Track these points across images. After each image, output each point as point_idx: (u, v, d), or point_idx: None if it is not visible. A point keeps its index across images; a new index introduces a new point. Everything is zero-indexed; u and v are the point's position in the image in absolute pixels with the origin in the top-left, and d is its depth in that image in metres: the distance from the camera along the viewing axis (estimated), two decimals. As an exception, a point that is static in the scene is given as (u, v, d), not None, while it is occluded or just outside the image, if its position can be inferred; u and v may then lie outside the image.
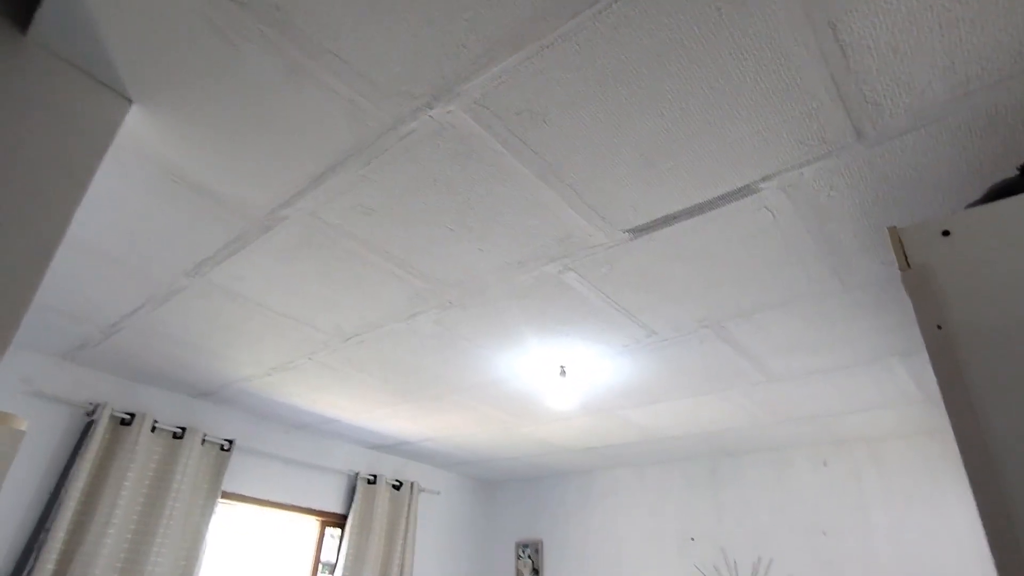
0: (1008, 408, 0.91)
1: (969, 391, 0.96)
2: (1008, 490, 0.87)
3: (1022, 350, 0.92)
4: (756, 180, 1.44)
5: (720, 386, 2.65)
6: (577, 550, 4.24)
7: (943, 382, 0.99)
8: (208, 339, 2.49)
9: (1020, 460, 0.88)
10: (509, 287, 1.96)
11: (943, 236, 1.08)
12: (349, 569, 3.65)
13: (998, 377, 0.93)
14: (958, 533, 2.91)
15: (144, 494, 2.94)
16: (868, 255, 1.69)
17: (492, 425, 3.36)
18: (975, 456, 0.92)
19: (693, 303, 1.99)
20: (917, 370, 2.40)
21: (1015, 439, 0.88)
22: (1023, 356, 0.92)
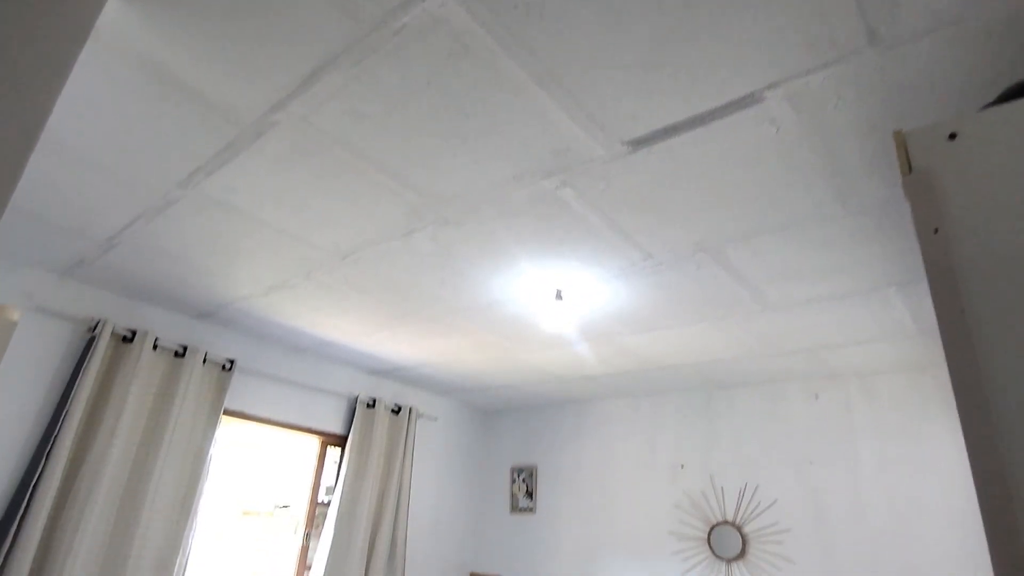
0: (1001, 313, 0.90)
1: (962, 296, 0.95)
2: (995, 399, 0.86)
3: (1020, 254, 0.90)
4: (761, 88, 1.38)
5: (716, 314, 2.66)
6: (571, 476, 4.38)
7: (935, 287, 0.97)
8: (204, 255, 2.49)
9: (1010, 369, 0.87)
10: (505, 204, 1.93)
11: (949, 139, 1.05)
12: (349, 487, 3.79)
13: (993, 281, 0.91)
14: (943, 467, 2.99)
15: (148, 410, 3.01)
16: (874, 176, 1.65)
17: (489, 350, 3.40)
18: (964, 365, 0.92)
19: (691, 225, 1.97)
20: (914, 302, 2.40)
21: (1006, 346, 0.88)
22: (1021, 260, 0.90)
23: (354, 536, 3.73)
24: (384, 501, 3.96)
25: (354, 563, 3.68)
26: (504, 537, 4.57)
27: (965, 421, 0.87)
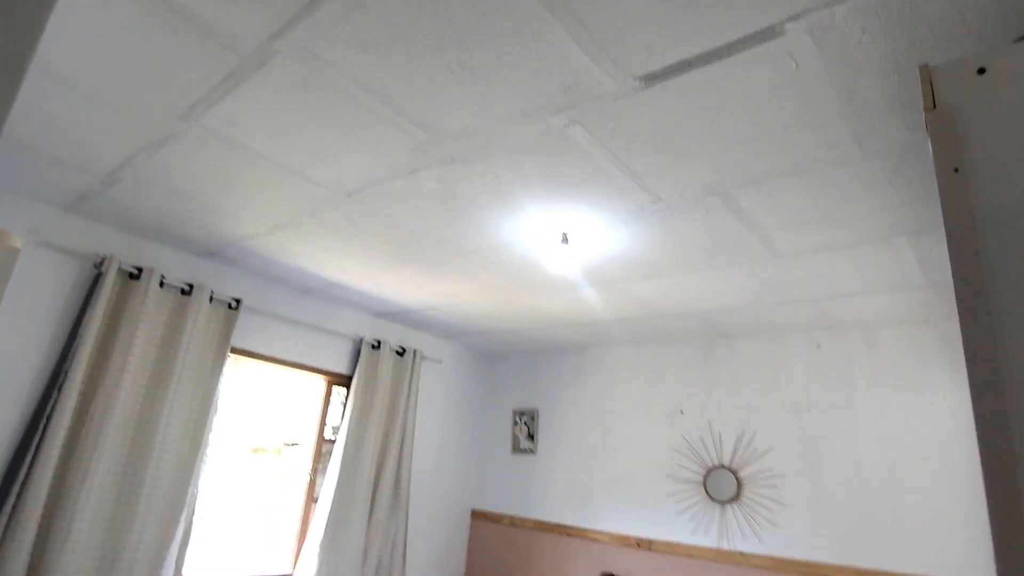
0: (1018, 258, 0.88)
1: (977, 239, 0.93)
2: (1005, 345, 0.86)
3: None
4: (783, 19, 1.32)
5: (723, 261, 2.64)
6: (571, 419, 4.46)
7: (951, 228, 0.95)
8: (207, 192, 2.46)
9: (1022, 313, 0.86)
10: (512, 142, 1.89)
11: (978, 74, 1.00)
12: (354, 425, 3.87)
13: (1012, 225, 0.89)
14: (938, 418, 3.02)
15: (156, 346, 3.05)
16: (894, 117, 1.60)
17: (494, 294, 3.41)
18: (974, 310, 0.90)
19: (702, 166, 1.92)
20: (924, 252, 2.37)
21: (1020, 291, 0.86)
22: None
23: (359, 473, 3.84)
24: (388, 440, 4.06)
25: (359, 498, 3.80)
26: (505, 477, 4.70)
27: (972, 364, 0.87)
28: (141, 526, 2.85)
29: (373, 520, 3.90)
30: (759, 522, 3.41)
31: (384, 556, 3.95)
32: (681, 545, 3.64)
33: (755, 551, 3.37)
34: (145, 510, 2.87)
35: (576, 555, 4.10)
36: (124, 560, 2.78)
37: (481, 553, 4.62)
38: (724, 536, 3.51)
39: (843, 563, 3.08)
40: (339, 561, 3.66)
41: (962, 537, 2.80)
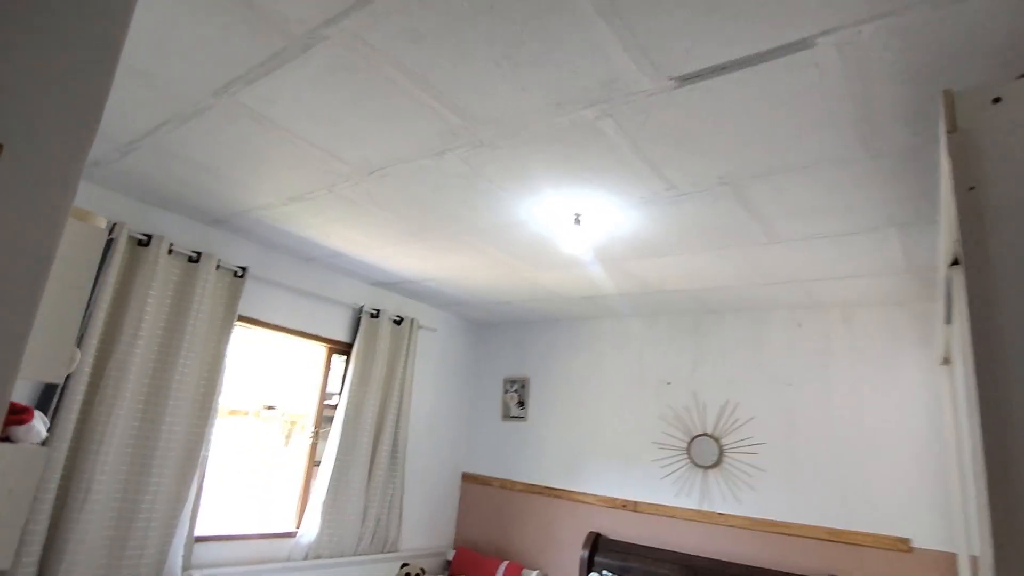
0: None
1: (989, 250, 1.07)
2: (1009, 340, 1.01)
3: (1046, 212, 1.02)
4: (815, 34, 1.44)
5: (723, 244, 2.79)
6: (561, 388, 4.65)
7: (966, 239, 1.10)
8: (230, 165, 2.49)
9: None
10: (544, 130, 1.98)
11: (994, 103, 1.14)
12: (354, 392, 3.98)
13: (1020, 236, 1.04)
14: (908, 392, 3.28)
15: (166, 314, 3.09)
16: (901, 123, 1.74)
17: (499, 268, 3.52)
18: (984, 311, 1.05)
19: (719, 159, 2.05)
20: (909, 242, 2.56)
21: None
22: (1046, 217, 1.02)
23: (359, 437, 3.97)
24: (386, 406, 4.19)
25: (359, 461, 3.94)
26: (495, 442, 4.89)
27: (979, 360, 1.02)
28: (156, 486, 2.94)
29: (372, 482, 4.05)
30: (738, 486, 3.67)
31: (382, 516, 4.12)
32: (665, 506, 3.89)
33: (733, 512, 3.64)
34: (159, 471, 2.96)
35: (564, 516, 4.33)
36: (140, 519, 2.88)
37: (471, 513, 4.83)
38: (705, 498, 3.76)
39: (815, 523, 3.36)
40: (340, 520, 3.82)
41: (925, 500, 3.08)
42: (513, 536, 4.54)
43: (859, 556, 3.19)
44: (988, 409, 1.00)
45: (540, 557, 4.35)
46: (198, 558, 3.19)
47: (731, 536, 3.60)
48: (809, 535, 3.35)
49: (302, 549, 3.67)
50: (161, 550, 2.96)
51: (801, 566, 3.33)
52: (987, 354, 1.02)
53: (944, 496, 3.03)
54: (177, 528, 3.03)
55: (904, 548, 3.08)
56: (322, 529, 3.72)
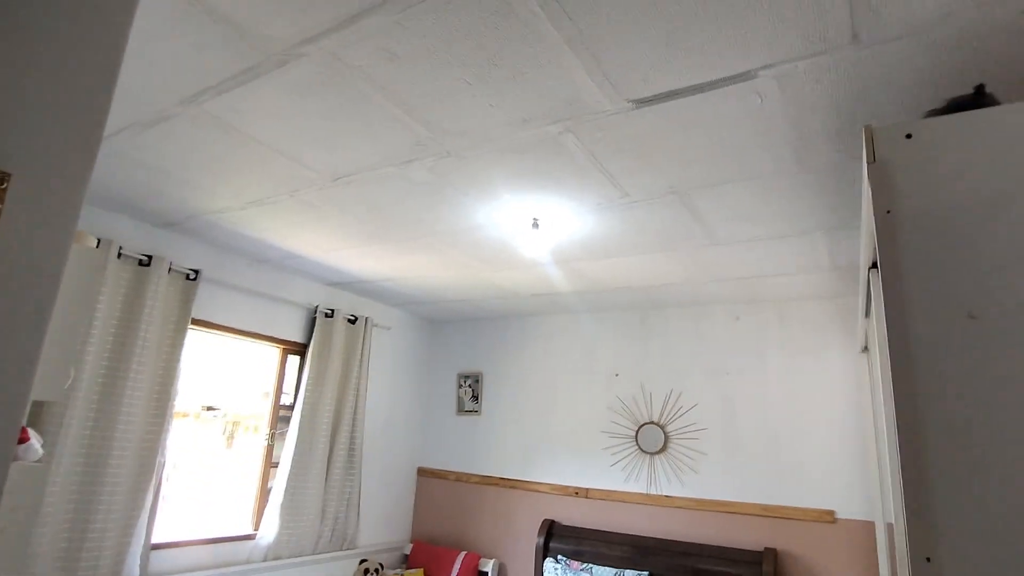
0: (930, 274, 1.22)
1: (902, 264, 1.27)
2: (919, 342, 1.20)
3: (950, 233, 1.22)
4: (757, 67, 1.61)
5: (669, 246, 2.99)
6: (514, 381, 4.79)
7: (883, 255, 1.29)
8: (189, 169, 2.48)
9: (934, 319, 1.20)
10: (509, 142, 2.09)
11: (906, 138, 1.33)
12: (311, 391, 3.99)
13: (928, 252, 1.24)
14: (834, 379, 3.60)
15: (117, 318, 3.02)
16: (828, 144, 1.95)
17: (456, 269, 3.61)
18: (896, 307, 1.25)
19: (670, 171, 2.22)
20: (834, 244, 2.83)
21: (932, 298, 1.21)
22: (951, 238, 1.22)
23: (316, 437, 3.98)
24: (342, 405, 4.22)
25: (316, 461, 3.96)
26: (450, 436, 4.99)
27: (895, 359, 1.21)
28: (110, 496, 2.89)
29: (329, 481, 4.07)
30: (683, 469, 3.92)
31: (340, 513, 4.16)
32: (615, 492, 4.11)
33: (678, 494, 3.89)
34: (114, 480, 2.91)
35: (519, 505, 4.49)
36: (95, 530, 2.82)
37: (428, 507, 4.92)
38: (653, 483, 4.00)
39: (751, 501, 3.65)
40: (299, 520, 3.83)
41: (848, 475, 3.41)
42: (470, 527, 4.66)
43: (791, 529, 3.49)
44: (901, 392, 1.19)
45: (497, 546, 4.49)
46: (156, 566, 3.16)
47: (677, 516, 3.86)
48: (747, 512, 3.64)
49: (261, 551, 3.67)
50: (117, 560, 2.92)
51: (740, 541, 3.61)
52: (900, 345, 1.21)
53: (864, 471, 3.36)
54: (134, 537, 2.98)
55: (830, 519, 3.40)
56: (281, 530, 3.73)
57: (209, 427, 5.36)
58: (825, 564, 3.37)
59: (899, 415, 1.19)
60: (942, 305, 1.20)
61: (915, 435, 1.16)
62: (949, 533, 1.09)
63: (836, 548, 3.35)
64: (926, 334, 1.19)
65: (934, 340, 1.18)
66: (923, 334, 1.20)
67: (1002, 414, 1.09)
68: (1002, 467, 1.07)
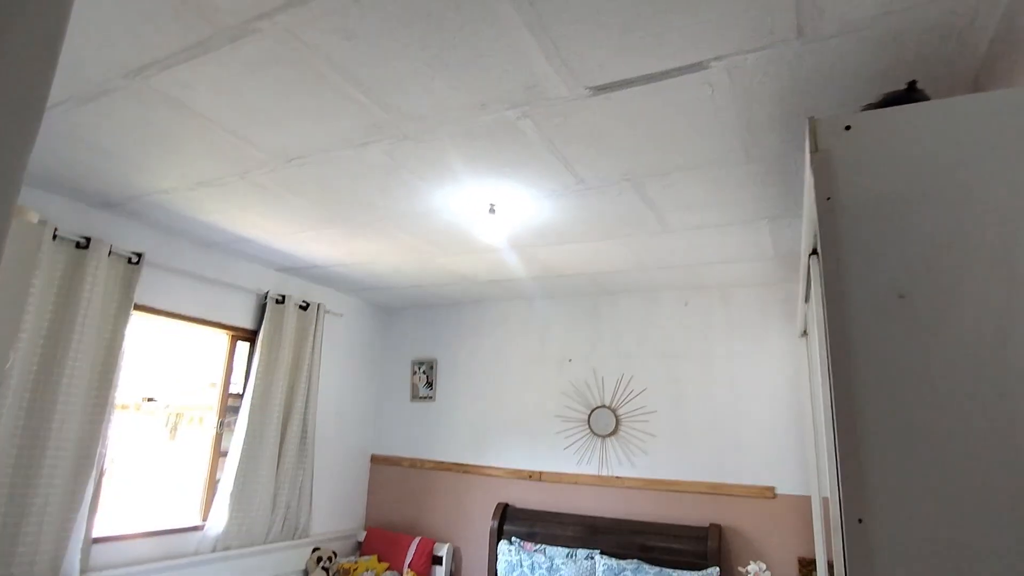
0: (865, 257, 1.31)
1: (842, 246, 1.35)
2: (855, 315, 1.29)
3: (884, 219, 1.31)
4: (710, 58, 1.67)
5: (622, 233, 3.06)
6: (468, 367, 4.82)
7: (824, 239, 1.37)
8: (132, 148, 2.38)
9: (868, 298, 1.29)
10: (467, 126, 2.09)
11: (845, 129, 1.42)
12: (261, 378, 3.91)
13: (864, 236, 1.32)
14: (774, 361, 3.77)
15: (52, 304, 2.88)
16: (774, 134, 2.04)
17: (411, 254, 3.59)
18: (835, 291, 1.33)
19: (624, 159, 2.28)
20: (777, 232, 2.96)
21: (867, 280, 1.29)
22: (884, 223, 1.30)
23: (267, 425, 3.91)
24: (294, 392, 4.15)
25: (267, 449, 3.89)
26: (404, 423, 4.98)
27: (832, 335, 1.30)
28: (47, 487, 2.77)
29: (281, 469, 4.01)
30: (633, 451, 4.04)
31: (292, 502, 4.10)
32: (568, 474, 4.20)
33: (629, 475, 4.01)
34: (51, 471, 2.79)
35: (473, 489, 4.53)
36: (30, 523, 2.70)
37: (381, 494, 4.91)
38: (604, 464, 4.11)
39: (697, 480, 3.79)
40: (249, 510, 3.76)
41: (786, 454, 3.59)
42: (424, 513, 4.68)
43: (734, 505, 3.66)
44: (838, 372, 1.28)
45: (452, 531, 4.53)
46: (97, 560, 3.04)
47: (627, 496, 3.98)
48: (693, 490, 3.79)
49: (210, 541, 3.58)
50: (55, 555, 2.80)
51: (687, 517, 3.76)
52: (838, 327, 1.29)
53: (801, 450, 3.55)
54: (73, 532, 2.87)
55: (770, 495, 3.58)
56: (230, 520, 3.65)
57: (151, 419, 5.17)
58: (766, 537, 3.55)
59: (836, 387, 1.27)
60: (875, 285, 1.29)
61: (850, 406, 1.25)
62: (879, 497, 1.18)
63: (776, 521, 3.54)
64: (861, 312, 1.28)
65: (868, 317, 1.27)
66: (858, 312, 1.28)
67: (926, 384, 1.19)
68: (927, 434, 1.16)
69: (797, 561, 3.43)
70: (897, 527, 1.15)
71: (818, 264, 1.94)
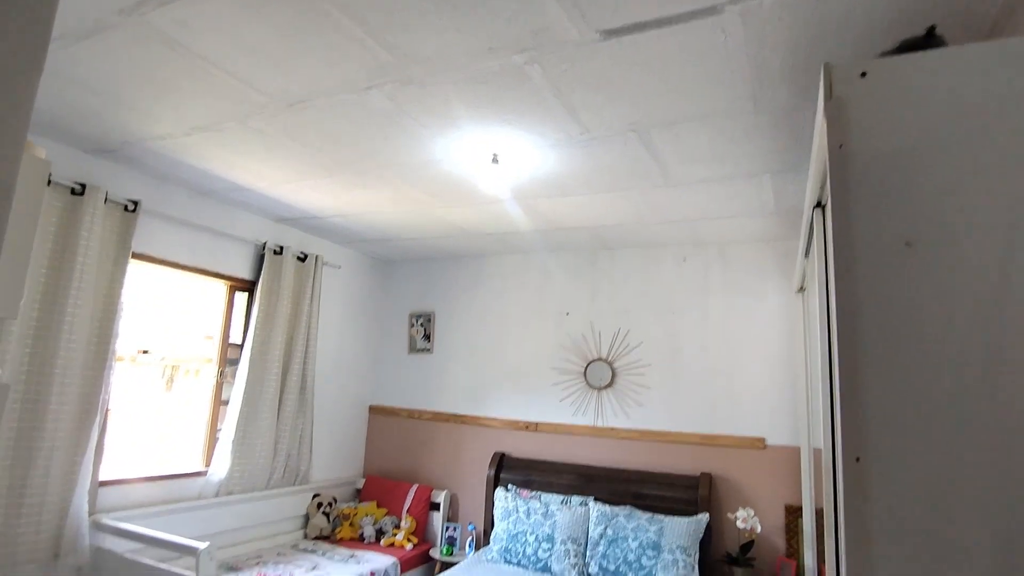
0: (875, 205, 1.32)
1: (851, 193, 1.36)
2: (862, 266, 1.30)
3: (894, 167, 1.31)
4: (724, 2, 1.63)
5: (625, 186, 3.04)
6: (466, 320, 4.85)
7: (834, 185, 1.38)
8: (128, 90, 2.32)
9: (876, 245, 1.30)
10: (473, 71, 2.05)
11: (861, 76, 1.40)
12: (260, 328, 3.92)
13: (874, 184, 1.32)
14: (769, 317, 3.82)
15: (49, 250, 2.86)
16: (785, 84, 2.02)
17: (410, 205, 3.56)
18: (843, 242, 1.34)
19: (631, 107, 2.24)
20: (779, 187, 2.95)
21: (875, 229, 1.30)
22: (895, 171, 1.31)
23: (267, 375, 3.95)
24: (293, 343, 4.17)
25: (268, 399, 3.94)
26: (402, 374, 5.04)
27: (839, 281, 1.32)
28: (53, 434, 2.80)
29: (281, 418, 4.07)
30: (628, 403, 4.13)
31: (292, 450, 4.18)
32: (563, 425, 4.29)
33: (624, 426, 4.10)
34: (56, 419, 2.82)
35: (470, 440, 4.63)
36: (38, 468, 2.75)
37: (380, 444, 5.01)
38: (600, 416, 4.20)
39: (691, 431, 3.89)
40: (251, 457, 3.84)
41: (778, 406, 3.68)
42: (422, 462, 4.79)
43: (726, 455, 3.77)
44: (843, 318, 1.30)
45: (449, 479, 4.65)
46: (105, 502, 3.12)
47: (622, 447, 4.08)
48: (686, 441, 3.89)
49: (213, 486, 3.67)
50: (63, 498, 2.86)
51: (679, 467, 3.87)
52: (844, 273, 1.31)
53: (792, 402, 3.63)
54: (80, 474, 2.92)
55: (760, 446, 3.68)
56: (232, 466, 3.72)
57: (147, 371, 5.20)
58: (755, 485, 3.67)
59: (839, 331, 1.29)
60: (883, 233, 1.30)
61: (852, 349, 1.27)
62: (877, 436, 1.22)
63: (765, 471, 3.65)
64: (868, 258, 1.29)
65: (874, 264, 1.29)
66: (865, 258, 1.30)
67: (929, 327, 1.21)
68: (927, 375, 1.20)
69: (784, 508, 3.56)
70: (894, 464, 1.19)
71: (822, 216, 1.95)
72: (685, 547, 3.39)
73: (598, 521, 3.67)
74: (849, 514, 1.22)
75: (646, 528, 3.52)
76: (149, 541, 2.87)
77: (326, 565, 3.62)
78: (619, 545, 3.53)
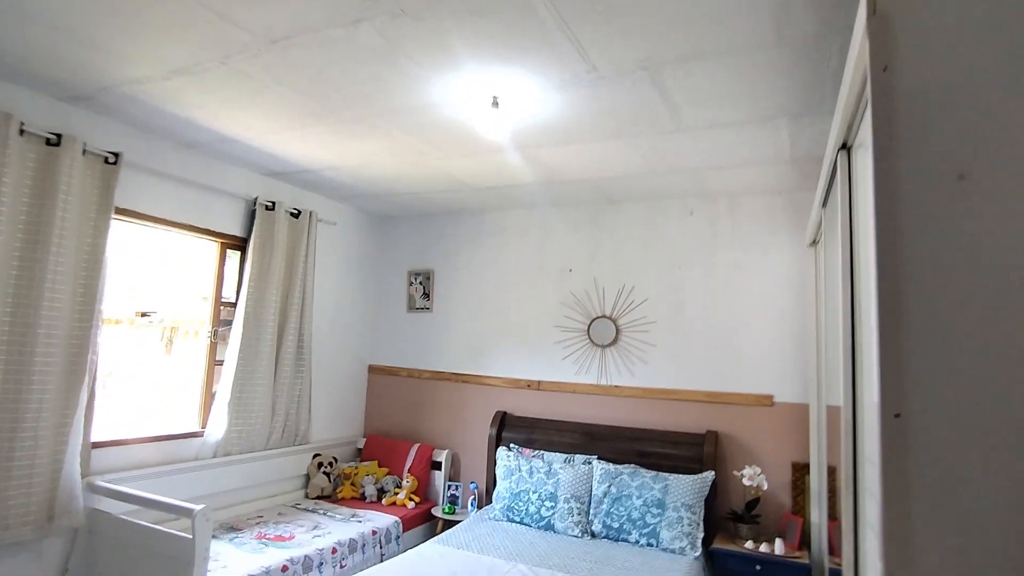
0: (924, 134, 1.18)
1: (898, 124, 1.21)
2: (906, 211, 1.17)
3: (947, 93, 1.16)
4: (753, -91, 1.45)
5: (633, 132, 2.88)
6: (466, 278, 4.73)
7: (877, 113, 1.23)
8: (97, 26, 2.13)
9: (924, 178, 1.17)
10: (471, 2, 1.87)
11: (908, -11, 1.24)
12: (254, 287, 3.80)
13: (923, 111, 1.18)
14: (778, 272, 3.70)
15: (26, 204, 2.71)
16: (811, 11, 1.84)
17: (406, 155, 3.40)
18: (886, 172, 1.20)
19: (642, 41, 2.07)
20: (797, 132, 2.79)
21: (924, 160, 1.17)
22: (947, 98, 1.16)
23: (262, 334, 3.85)
24: (288, 301, 4.06)
25: (264, 358, 3.85)
26: (401, 333, 4.95)
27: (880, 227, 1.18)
28: (39, 395, 2.71)
29: (278, 378, 3.99)
30: (632, 361, 4.04)
31: (291, 410, 4.11)
32: (566, 383, 4.22)
33: (628, 384, 4.03)
34: (42, 380, 2.72)
35: (472, 398, 4.57)
36: (26, 429, 2.67)
37: (380, 403, 4.95)
38: (603, 374, 4.12)
39: (697, 388, 3.82)
40: (248, 417, 3.77)
41: (786, 363, 3.59)
42: (423, 421, 4.74)
43: (732, 412, 3.70)
44: (884, 263, 1.17)
45: (451, 438, 4.60)
46: (99, 464, 3.05)
47: (626, 405, 4.01)
48: (692, 399, 3.82)
49: (210, 447, 3.61)
50: (55, 460, 2.79)
51: (685, 425, 3.81)
52: (887, 213, 1.18)
53: (801, 359, 3.54)
54: (70, 435, 2.84)
55: (768, 403, 3.61)
56: (230, 427, 3.66)
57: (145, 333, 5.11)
58: (762, 443, 3.61)
59: (880, 279, 1.17)
60: (933, 167, 1.16)
61: (895, 298, 1.15)
62: (917, 392, 1.11)
63: (773, 428, 3.59)
64: (914, 195, 1.16)
65: (922, 201, 1.15)
66: (911, 195, 1.16)
67: (980, 269, 1.09)
68: (976, 321, 1.08)
69: (791, 465, 3.51)
70: (937, 420, 1.09)
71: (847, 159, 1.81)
72: (690, 504, 3.36)
73: (602, 479, 3.63)
74: (887, 472, 1.12)
75: (650, 486, 3.47)
76: (145, 503, 2.81)
77: (328, 524, 3.59)
78: (623, 503, 3.49)
